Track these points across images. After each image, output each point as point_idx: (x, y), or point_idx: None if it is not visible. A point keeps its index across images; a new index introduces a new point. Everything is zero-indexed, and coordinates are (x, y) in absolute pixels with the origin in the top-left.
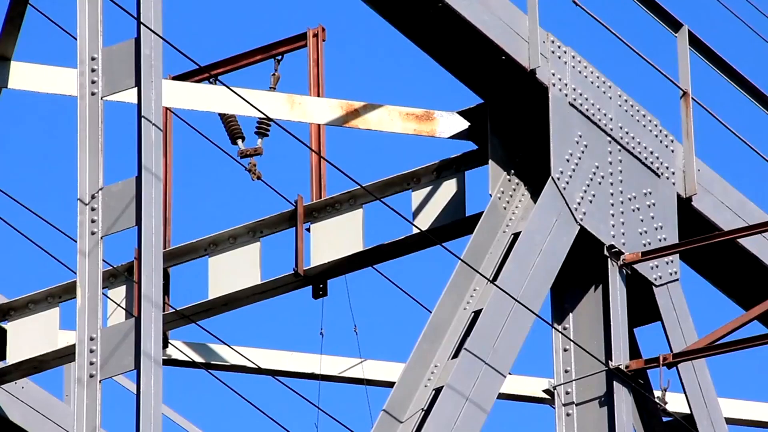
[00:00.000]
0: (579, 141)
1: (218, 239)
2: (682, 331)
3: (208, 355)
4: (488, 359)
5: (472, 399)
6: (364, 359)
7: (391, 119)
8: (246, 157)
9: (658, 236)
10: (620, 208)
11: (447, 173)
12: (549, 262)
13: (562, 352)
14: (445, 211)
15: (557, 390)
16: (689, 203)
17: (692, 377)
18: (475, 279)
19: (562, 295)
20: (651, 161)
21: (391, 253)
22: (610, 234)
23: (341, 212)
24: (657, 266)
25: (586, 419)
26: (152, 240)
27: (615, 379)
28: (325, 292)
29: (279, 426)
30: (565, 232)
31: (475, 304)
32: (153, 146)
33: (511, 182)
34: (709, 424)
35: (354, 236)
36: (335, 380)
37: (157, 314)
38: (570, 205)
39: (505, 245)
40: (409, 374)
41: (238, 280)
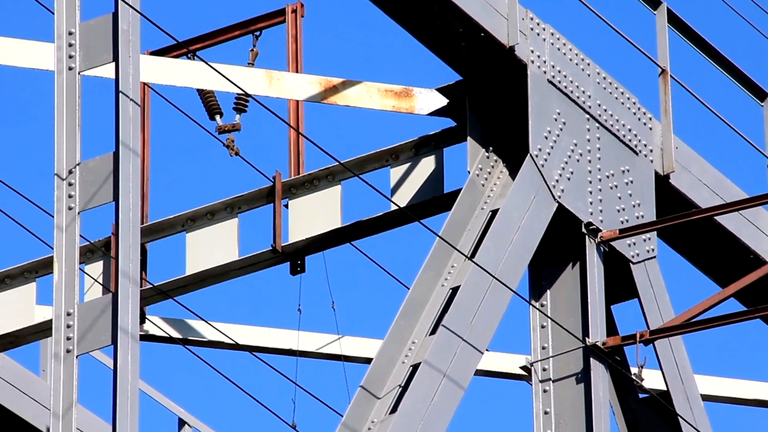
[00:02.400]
0: (557, 118)
1: (196, 215)
2: (659, 308)
3: (185, 331)
4: (466, 336)
5: (449, 375)
6: (342, 335)
7: (369, 96)
8: (224, 133)
9: (635, 213)
10: (598, 186)
11: (425, 150)
12: (527, 239)
13: (539, 329)
14: (424, 187)
15: (534, 366)
16: (667, 181)
17: (669, 354)
18: (452, 256)
19: (540, 272)
20: (629, 139)
21: (369, 229)
22: (587, 211)
23: (319, 189)
24: (634, 243)
25: (562, 396)
26: (129, 215)
27: (592, 356)
28: (303, 269)
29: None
30: (543, 210)
31: (453, 280)
32: (131, 121)
33: (490, 159)
34: (686, 400)
35: (332, 213)
36: (313, 356)
37: (135, 290)
38: (548, 183)
39: (483, 222)
40: (386, 350)
41: (215, 256)
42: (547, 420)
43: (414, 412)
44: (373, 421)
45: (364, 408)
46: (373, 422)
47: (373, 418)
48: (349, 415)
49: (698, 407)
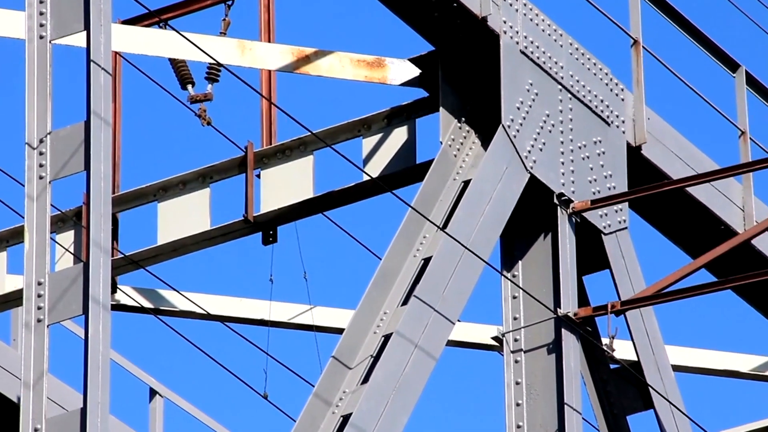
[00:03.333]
0: (530, 89)
1: (168, 185)
2: (631, 279)
3: (156, 301)
4: (437, 306)
5: (421, 346)
6: (314, 306)
7: (342, 66)
8: (196, 103)
9: (607, 184)
10: (570, 157)
11: (398, 120)
12: (499, 210)
13: (511, 300)
14: (396, 158)
15: (506, 337)
16: (639, 152)
17: (640, 325)
18: (425, 226)
19: (512, 242)
20: (601, 110)
21: (341, 199)
22: (559, 182)
23: (291, 159)
24: (606, 214)
25: (534, 366)
26: (101, 185)
27: (563, 327)
28: (275, 239)
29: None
30: (515, 180)
31: (425, 251)
32: (102, 91)
33: (462, 130)
34: (656, 371)
35: (304, 183)
36: (284, 326)
37: (106, 259)
38: (520, 153)
39: (455, 193)
40: (358, 321)
41: (187, 225)
42: (519, 390)
43: (385, 383)
44: (344, 392)
45: (335, 378)
46: (345, 392)
47: (345, 389)
48: (320, 385)
49: (669, 377)
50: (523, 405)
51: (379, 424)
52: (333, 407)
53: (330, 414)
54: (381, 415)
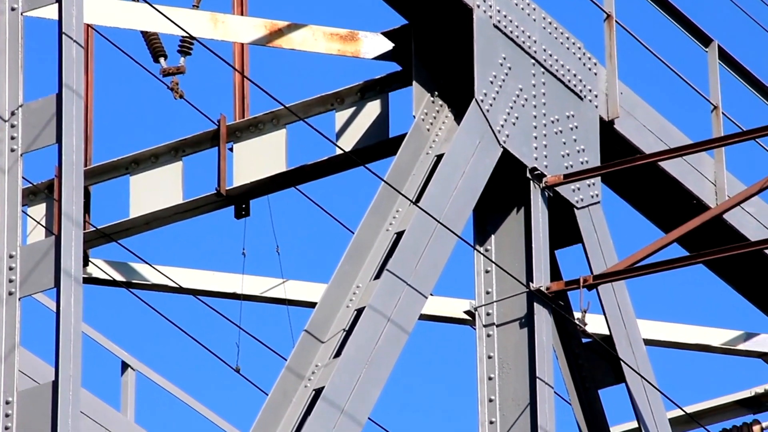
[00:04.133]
0: (503, 63)
1: (140, 158)
2: (603, 253)
3: (129, 274)
4: (410, 280)
5: (393, 320)
6: (286, 279)
7: (315, 39)
8: (168, 76)
9: (580, 159)
10: (543, 131)
11: (371, 94)
12: (472, 184)
13: (483, 274)
14: (369, 132)
15: (478, 311)
16: (611, 126)
17: (612, 299)
18: (397, 200)
19: (485, 216)
20: (574, 84)
21: (314, 173)
22: (532, 156)
23: (264, 132)
24: (579, 189)
25: (506, 340)
26: (73, 158)
27: (535, 301)
28: (248, 212)
29: (200, 345)
30: (487, 154)
31: (398, 225)
32: (74, 63)
33: (435, 104)
34: (628, 345)
35: (277, 156)
36: (257, 300)
37: (78, 232)
38: (493, 128)
39: (428, 167)
40: (330, 295)
41: (159, 199)
42: (491, 364)
43: (358, 356)
44: (317, 365)
45: (308, 352)
46: (317, 366)
47: (318, 362)
48: (293, 359)
49: (640, 351)
50: (495, 379)
51: (351, 397)
52: (305, 381)
53: (302, 388)
54: (353, 389)
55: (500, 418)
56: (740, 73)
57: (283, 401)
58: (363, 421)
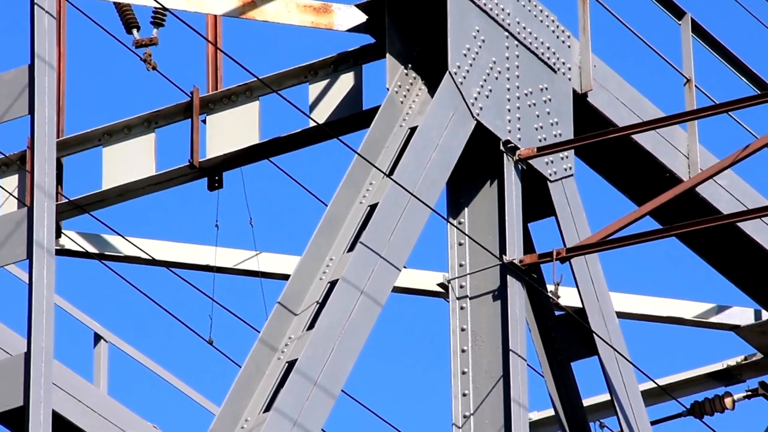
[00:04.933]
0: (476, 36)
1: (113, 129)
2: (576, 226)
3: (101, 246)
4: (383, 253)
5: (366, 292)
6: (260, 252)
7: (288, 11)
8: (141, 47)
9: (553, 132)
10: (516, 104)
11: (344, 66)
12: (445, 157)
13: (456, 247)
14: (342, 104)
15: (451, 284)
16: (584, 99)
17: (585, 272)
18: (371, 173)
19: (458, 189)
20: (548, 57)
21: (287, 145)
22: (506, 129)
23: (237, 104)
24: (552, 162)
25: (479, 313)
26: (45, 129)
27: (509, 274)
28: (221, 184)
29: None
30: (461, 127)
31: (371, 197)
32: (46, 34)
33: (409, 76)
34: (601, 317)
35: (250, 128)
36: (230, 272)
37: (50, 204)
38: (467, 100)
39: (401, 139)
40: (304, 267)
41: (132, 170)
42: (464, 336)
43: (331, 329)
44: (290, 338)
45: (281, 324)
46: (290, 338)
47: (290, 335)
48: (266, 331)
49: (613, 324)
50: (468, 351)
51: (324, 369)
52: (278, 353)
53: (275, 360)
54: (326, 361)
55: (473, 390)
56: (713, 46)
57: (256, 373)
58: (336, 393)
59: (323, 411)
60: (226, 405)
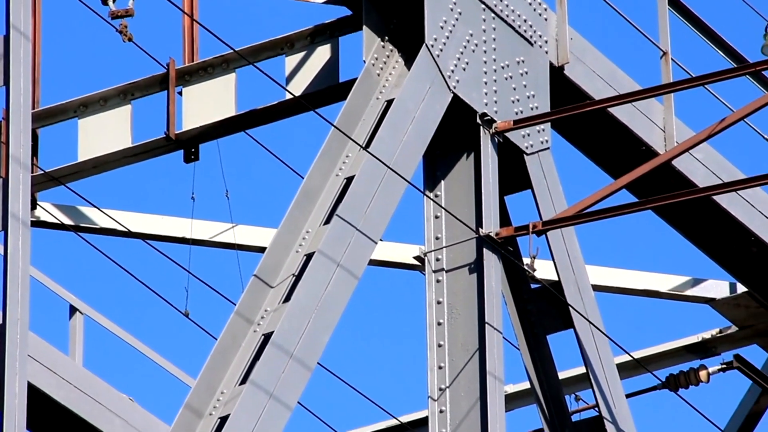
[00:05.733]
0: (453, 8)
1: (88, 101)
2: (552, 199)
3: (77, 218)
4: (360, 225)
5: (343, 265)
6: (236, 224)
7: None
8: (117, 19)
9: (530, 105)
10: (493, 76)
11: (321, 39)
12: (422, 130)
13: (433, 219)
14: (319, 76)
15: (428, 257)
16: (561, 72)
17: (561, 245)
18: (347, 145)
19: (435, 162)
20: (524, 29)
21: (263, 118)
22: (482, 102)
23: (214, 76)
24: (528, 134)
25: (455, 285)
26: (20, 100)
27: (485, 246)
28: (197, 157)
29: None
30: (438, 100)
31: (348, 170)
32: (22, 5)
33: (385, 49)
34: (576, 290)
35: (226, 101)
36: (206, 245)
37: (26, 175)
38: (443, 73)
39: (378, 112)
40: (280, 239)
41: (108, 142)
42: (440, 309)
43: (307, 301)
44: (266, 310)
45: (257, 297)
46: (267, 311)
47: (267, 307)
48: (242, 304)
49: (589, 297)
50: (444, 324)
51: (300, 342)
52: (254, 326)
53: (251, 332)
54: (303, 334)
55: (449, 363)
56: (689, 19)
57: (232, 346)
58: (312, 365)
59: (299, 384)
60: (202, 377)
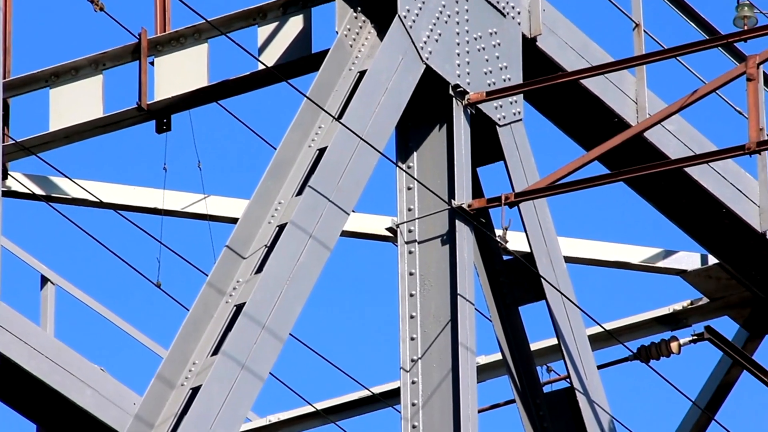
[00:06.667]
0: None
1: (60, 71)
2: (524, 170)
3: (49, 188)
4: (332, 197)
5: (315, 236)
6: (208, 195)
7: None
8: None
9: (502, 76)
10: (466, 48)
11: (293, 9)
12: (394, 101)
13: (405, 191)
14: (291, 47)
15: (400, 228)
16: (534, 43)
17: (533, 216)
18: (320, 116)
19: (407, 133)
20: (497, 1)
21: (236, 88)
22: (455, 73)
23: (186, 46)
24: (501, 106)
25: (428, 257)
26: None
27: (457, 218)
28: (169, 127)
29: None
30: (410, 71)
31: (320, 141)
32: None
33: (358, 20)
34: (548, 262)
35: (199, 71)
36: (178, 215)
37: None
38: (416, 44)
39: (350, 83)
40: (252, 210)
41: (80, 112)
42: (412, 281)
43: (280, 272)
44: (238, 281)
45: (229, 267)
46: (239, 282)
47: (239, 278)
48: (214, 275)
49: (561, 269)
50: (416, 295)
51: (272, 313)
52: (227, 296)
53: (224, 303)
54: (275, 305)
55: (421, 334)
56: None
57: (204, 317)
58: (284, 336)
59: (271, 354)
60: (174, 348)
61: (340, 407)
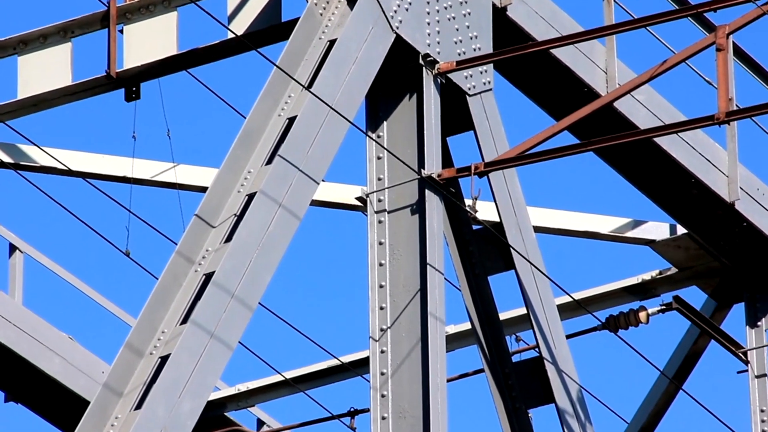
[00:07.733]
0: None
1: (28, 38)
2: (494, 140)
3: (17, 156)
4: (302, 166)
5: (285, 205)
6: (177, 164)
7: None
8: None
9: (472, 45)
10: (436, 17)
11: None
12: (364, 70)
13: (375, 160)
14: (261, 16)
15: (370, 197)
16: (504, 13)
17: (502, 186)
18: (290, 85)
19: (377, 103)
20: None
21: (205, 57)
22: (425, 43)
23: (155, 14)
24: (471, 76)
25: (397, 226)
26: None
27: (427, 188)
28: (138, 95)
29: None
30: (380, 40)
31: (290, 110)
32: None
33: None
34: (518, 232)
35: (168, 39)
36: (147, 184)
37: None
38: (386, 13)
39: (320, 52)
40: (222, 179)
41: (48, 80)
42: (382, 250)
43: (249, 241)
44: (207, 250)
45: (198, 236)
46: (208, 251)
47: (208, 247)
48: (183, 244)
49: (530, 238)
50: (386, 265)
51: (242, 282)
52: (196, 265)
53: (193, 272)
54: (244, 274)
55: (390, 304)
56: None
57: (173, 285)
58: (253, 305)
59: (240, 323)
60: (143, 317)
61: (309, 376)
